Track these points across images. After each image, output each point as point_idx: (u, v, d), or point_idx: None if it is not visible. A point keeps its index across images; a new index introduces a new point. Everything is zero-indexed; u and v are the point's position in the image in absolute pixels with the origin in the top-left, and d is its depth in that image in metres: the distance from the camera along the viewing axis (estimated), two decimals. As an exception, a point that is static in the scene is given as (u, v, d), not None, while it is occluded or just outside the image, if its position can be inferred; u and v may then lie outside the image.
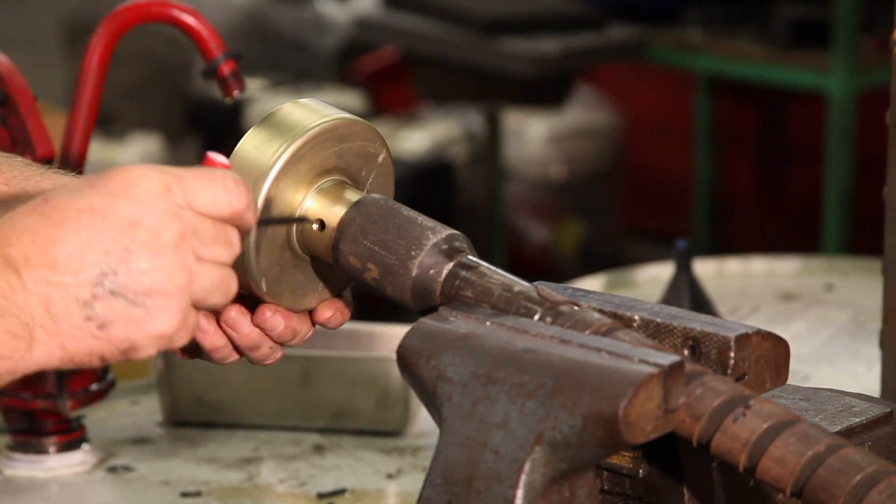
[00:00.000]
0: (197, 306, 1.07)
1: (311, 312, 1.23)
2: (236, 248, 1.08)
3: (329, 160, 1.20)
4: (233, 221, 1.08)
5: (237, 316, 1.19)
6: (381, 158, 1.23)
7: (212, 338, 1.19)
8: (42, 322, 1.03)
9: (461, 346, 1.12)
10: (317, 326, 1.24)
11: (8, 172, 1.23)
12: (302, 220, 1.19)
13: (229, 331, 1.19)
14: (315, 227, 1.20)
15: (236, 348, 1.21)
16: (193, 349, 1.21)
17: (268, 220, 1.18)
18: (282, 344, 1.22)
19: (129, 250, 1.03)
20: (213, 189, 1.06)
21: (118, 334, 1.04)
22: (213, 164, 1.10)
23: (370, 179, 1.23)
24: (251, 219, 1.09)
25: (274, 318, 1.20)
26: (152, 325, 1.04)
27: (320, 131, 1.19)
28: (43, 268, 1.03)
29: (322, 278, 1.23)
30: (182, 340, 1.07)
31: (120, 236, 1.03)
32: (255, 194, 1.17)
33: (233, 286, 1.08)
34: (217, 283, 1.07)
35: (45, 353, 1.04)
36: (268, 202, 1.17)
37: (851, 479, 1.01)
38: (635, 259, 3.67)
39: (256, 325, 1.20)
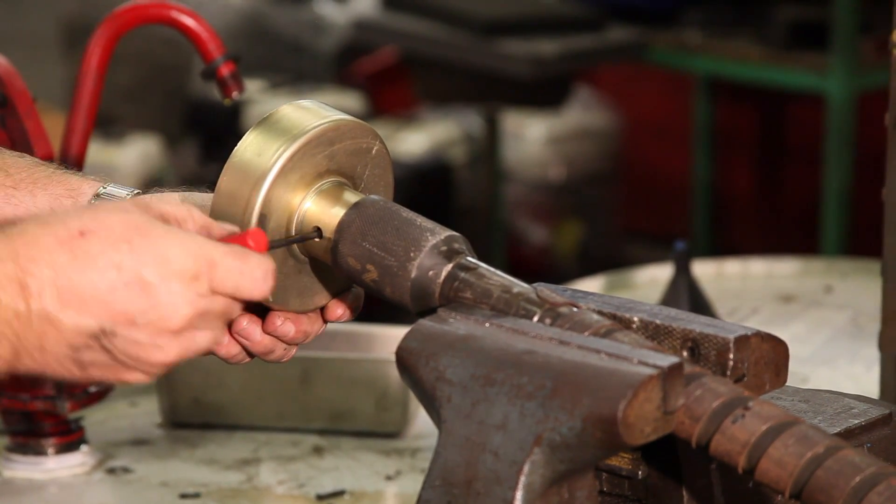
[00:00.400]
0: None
1: (322, 310, 1.24)
2: (236, 314, 1.14)
3: (321, 164, 1.20)
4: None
5: (249, 325, 1.20)
6: (374, 151, 1.23)
7: (226, 348, 1.21)
8: (32, 352, 1.08)
9: (460, 347, 1.12)
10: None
11: (16, 175, 1.24)
12: (309, 237, 1.20)
13: (242, 340, 1.20)
14: (316, 238, 1.20)
15: (250, 353, 1.22)
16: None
17: (277, 243, 1.19)
18: (295, 345, 1.23)
19: (134, 323, 1.08)
20: (240, 280, 1.11)
21: (94, 375, 1.10)
22: (248, 244, 1.12)
23: (366, 173, 1.23)
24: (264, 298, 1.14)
25: (284, 325, 1.21)
26: (127, 376, 1.11)
27: (308, 139, 1.19)
28: (51, 305, 1.07)
29: (326, 276, 1.23)
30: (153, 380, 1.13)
31: (131, 305, 1.08)
32: (251, 206, 1.17)
33: (223, 341, 1.15)
34: (205, 346, 1.12)
35: (23, 370, 1.09)
36: (264, 215, 1.18)
37: (850, 481, 1.01)
38: (634, 260, 3.67)
39: (268, 333, 1.21)
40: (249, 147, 1.19)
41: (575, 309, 1.14)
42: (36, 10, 5.60)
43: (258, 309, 1.20)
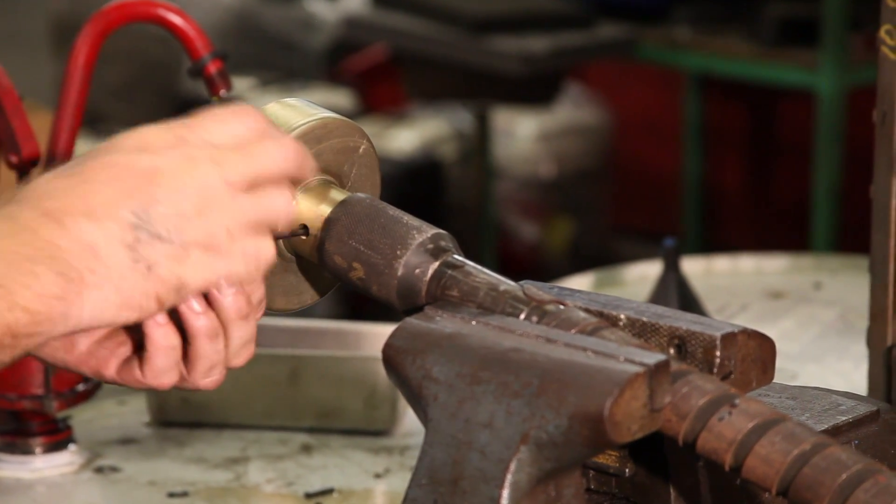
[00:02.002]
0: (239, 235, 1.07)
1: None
2: (265, 158, 1.09)
3: None
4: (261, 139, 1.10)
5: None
6: (361, 150, 1.23)
7: (164, 331, 1.10)
8: (91, 265, 1.03)
9: (447, 345, 1.12)
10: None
11: None
12: (296, 234, 1.19)
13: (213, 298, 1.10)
14: (302, 235, 1.20)
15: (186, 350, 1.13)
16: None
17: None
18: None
19: (153, 193, 1.05)
20: (224, 126, 1.09)
21: (165, 273, 1.05)
22: None
23: (353, 172, 1.23)
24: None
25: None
26: (190, 259, 1.06)
27: (295, 137, 1.18)
28: (83, 216, 1.04)
29: (312, 276, 1.23)
30: (236, 270, 1.07)
31: (139, 182, 1.05)
32: None
33: (286, 211, 1.10)
34: (251, 212, 1.08)
35: (101, 299, 1.03)
36: None
37: (837, 478, 1.01)
38: (624, 257, 3.67)
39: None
40: None
41: (562, 307, 1.13)
42: (25, 8, 5.59)
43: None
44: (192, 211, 1.06)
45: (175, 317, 1.11)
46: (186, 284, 1.06)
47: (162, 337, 1.10)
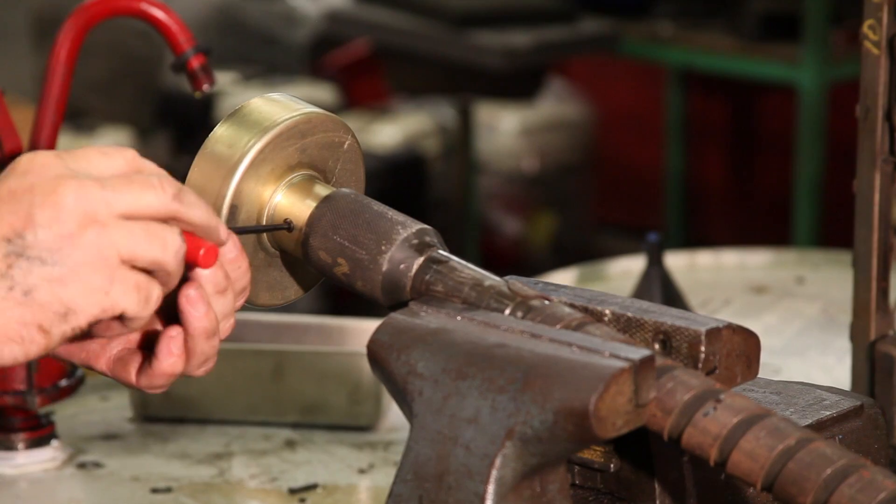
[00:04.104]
0: (130, 263, 1.02)
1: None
2: (158, 195, 1.03)
3: (292, 157, 1.20)
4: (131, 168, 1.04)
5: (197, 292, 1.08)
6: (346, 145, 1.23)
7: (174, 361, 1.11)
8: None
9: (432, 341, 1.11)
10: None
11: None
12: (279, 227, 1.19)
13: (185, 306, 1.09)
14: (286, 229, 1.20)
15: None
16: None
17: (245, 230, 1.17)
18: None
19: (31, 214, 1.00)
20: (99, 157, 1.04)
21: (45, 297, 1.00)
22: (198, 255, 1.07)
23: (338, 167, 1.23)
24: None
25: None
26: (78, 282, 1.01)
27: (280, 131, 1.18)
28: None
29: (297, 271, 1.23)
30: (126, 303, 1.02)
31: (18, 205, 1.00)
32: (222, 197, 1.17)
33: (167, 241, 1.03)
34: (141, 235, 1.02)
35: None
36: (235, 206, 1.17)
37: (822, 473, 1.01)
38: (607, 252, 3.68)
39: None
40: (220, 139, 1.18)
41: (546, 302, 1.13)
42: (5, 2, 5.57)
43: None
44: (76, 230, 1.01)
45: (168, 312, 1.11)
46: (75, 310, 1.01)
47: (169, 367, 1.10)
